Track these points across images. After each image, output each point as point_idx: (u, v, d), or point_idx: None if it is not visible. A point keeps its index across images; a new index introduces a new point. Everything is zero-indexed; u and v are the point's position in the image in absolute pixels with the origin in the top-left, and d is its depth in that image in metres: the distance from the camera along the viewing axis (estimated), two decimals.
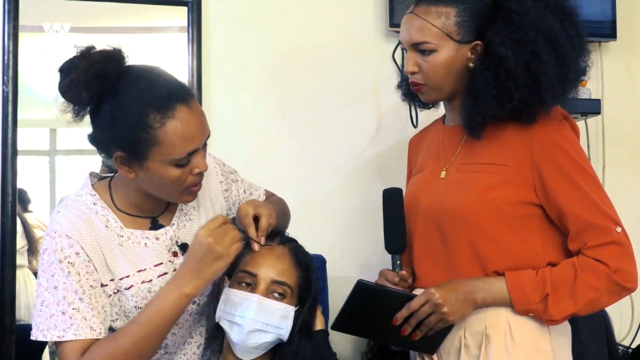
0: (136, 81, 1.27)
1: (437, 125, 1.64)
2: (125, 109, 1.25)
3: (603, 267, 1.34)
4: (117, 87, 1.26)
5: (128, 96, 1.25)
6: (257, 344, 1.35)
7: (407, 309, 1.37)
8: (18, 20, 2.02)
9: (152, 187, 1.33)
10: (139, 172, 1.30)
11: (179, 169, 1.29)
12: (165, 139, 1.25)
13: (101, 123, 1.28)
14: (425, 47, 1.44)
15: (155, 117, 1.25)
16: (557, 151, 1.39)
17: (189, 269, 1.29)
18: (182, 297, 1.28)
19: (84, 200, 1.36)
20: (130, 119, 1.25)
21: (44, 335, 1.28)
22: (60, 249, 1.29)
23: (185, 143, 1.27)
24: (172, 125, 1.25)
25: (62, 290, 1.28)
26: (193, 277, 1.28)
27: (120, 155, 1.28)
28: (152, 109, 1.25)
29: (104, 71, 1.24)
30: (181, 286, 1.28)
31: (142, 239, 1.37)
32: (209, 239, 1.27)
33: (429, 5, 1.43)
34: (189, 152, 1.28)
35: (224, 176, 1.55)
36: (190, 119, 1.28)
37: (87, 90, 1.24)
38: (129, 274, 1.34)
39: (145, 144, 1.25)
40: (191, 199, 1.38)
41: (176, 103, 1.26)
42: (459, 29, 1.42)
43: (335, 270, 2.12)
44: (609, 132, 2.50)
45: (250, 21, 2.24)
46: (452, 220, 1.43)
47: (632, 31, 2.52)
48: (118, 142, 1.27)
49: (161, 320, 1.28)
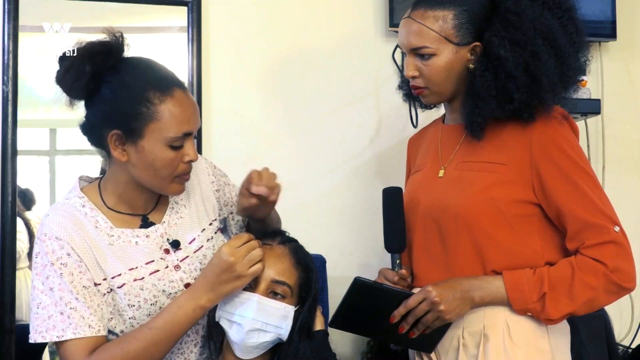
0: (136, 64, 1.35)
1: (436, 124, 1.64)
2: (126, 85, 1.31)
3: (601, 267, 1.34)
4: (118, 67, 1.32)
5: (129, 74, 1.32)
6: (257, 344, 1.36)
7: (404, 306, 1.37)
8: (18, 20, 2.02)
9: (143, 171, 1.34)
10: (133, 154, 1.32)
11: (173, 151, 1.32)
12: (164, 116, 1.30)
13: (100, 101, 1.33)
14: (424, 52, 1.44)
15: (155, 93, 1.30)
16: (556, 150, 1.39)
17: (207, 281, 1.32)
18: (197, 309, 1.31)
19: (73, 202, 1.38)
20: (130, 94, 1.30)
21: (42, 337, 1.29)
22: (52, 251, 1.30)
23: (182, 123, 1.32)
24: (171, 103, 1.31)
25: (58, 291, 1.29)
26: (210, 290, 1.31)
27: (115, 133, 1.31)
28: (152, 87, 1.31)
29: (108, 48, 1.31)
30: (197, 298, 1.31)
31: (132, 237, 1.38)
32: (230, 258, 1.30)
33: (426, 10, 1.43)
34: (184, 132, 1.32)
35: (215, 177, 1.56)
36: (187, 102, 1.34)
37: (91, 64, 1.30)
38: (121, 273, 1.35)
39: (144, 119, 1.30)
40: (180, 190, 1.40)
41: (174, 85, 1.34)
42: (457, 31, 1.42)
43: (335, 270, 2.12)
44: (609, 132, 2.50)
45: (250, 21, 2.24)
46: (451, 219, 1.43)
47: (632, 31, 2.52)
48: (116, 118, 1.31)
49: (174, 328, 1.31)
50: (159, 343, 1.30)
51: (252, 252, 1.32)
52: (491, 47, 1.40)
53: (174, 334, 1.31)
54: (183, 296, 1.33)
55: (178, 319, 1.30)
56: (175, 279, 1.38)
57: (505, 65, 1.38)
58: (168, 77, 1.35)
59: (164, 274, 1.38)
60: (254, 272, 1.32)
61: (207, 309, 1.33)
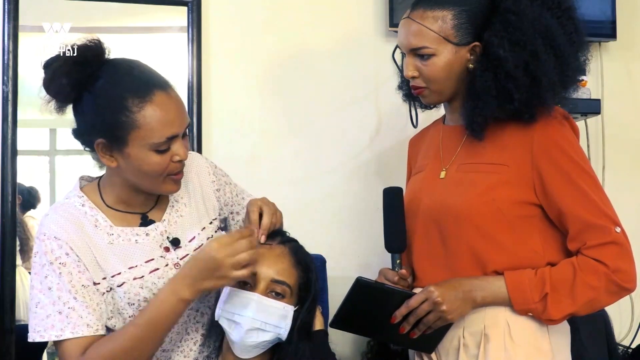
0: (115, 69, 1.32)
1: (437, 125, 1.64)
2: (104, 94, 1.29)
3: (602, 267, 1.34)
4: (97, 75, 1.30)
5: (107, 82, 1.29)
6: (256, 343, 1.36)
7: (406, 306, 1.37)
8: (18, 20, 2.02)
9: (134, 175, 1.34)
10: (121, 160, 1.32)
11: (159, 154, 1.31)
12: (144, 122, 1.28)
13: (82, 112, 1.32)
14: (424, 52, 1.44)
15: (134, 101, 1.28)
16: (557, 151, 1.39)
17: (190, 274, 1.28)
18: (179, 302, 1.29)
19: (72, 202, 1.38)
20: (109, 103, 1.28)
21: (41, 336, 1.29)
22: (51, 251, 1.30)
23: (164, 127, 1.29)
24: (151, 108, 1.28)
25: (57, 291, 1.29)
26: (192, 283, 1.28)
27: (101, 142, 1.31)
28: (130, 94, 1.28)
29: (83, 58, 1.29)
30: (178, 291, 1.28)
31: (132, 235, 1.38)
32: (217, 255, 1.26)
33: (425, 10, 1.43)
34: (168, 136, 1.30)
35: (215, 177, 1.56)
36: (169, 103, 1.31)
37: (68, 78, 1.28)
38: (120, 271, 1.35)
39: (125, 128, 1.28)
40: (174, 189, 1.39)
41: (154, 88, 1.30)
42: (456, 31, 1.42)
43: (335, 270, 2.12)
44: (609, 132, 2.50)
45: (250, 21, 2.24)
46: (452, 220, 1.43)
47: (632, 31, 2.52)
48: (99, 128, 1.30)
49: (158, 323, 1.29)
50: (144, 339, 1.28)
51: (240, 254, 1.27)
52: (491, 47, 1.40)
53: (159, 329, 1.29)
54: (164, 290, 1.30)
55: (162, 314, 1.28)
56: None
57: (505, 65, 1.38)
58: (148, 80, 1.31)
59: (164, 272, 1.38)
60: (238, 276, 1.28)
61: (190, 302, 1.30)
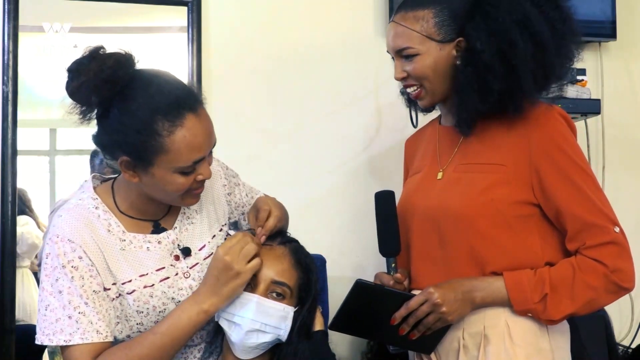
0: (146, 87, 1.26)
1: (433, 125, 1.64)
2: (133, 115, 1.24)
3: (601, 267, 1.34)
4: (126, 93, 1.25)
5: (137, 102, 1.24)
6: (256, 344, 1.36)
7: (405, 308, 1.37)
8: (18, 20, 2.02)
9: (155, 191, 1.33)
10: (143, 177, 1.30)
11: (184, 176, 1.29)
12: (173, 148, 1.25)
13: (109, 127, 1.28)
14: (408, 52, 1.45)
15: (164, 124, 1.24)
16: (555, 150, 1.39)
17: (208, 286, 1.30)
18: (200, 313, 1.30)
19: (86, 204, 1.35)
20: (138, 125, 1.24)
21: (49, 340, 1.28)
22: (63, 254, 1.28)
23: (192, 152, 1.27)
24: (180, 134, 1.25)
25: (67, 295, 1.27)
26: (212, 294, 1.30)
27: (125, 160, 1.28)
28: (160, 116, 1.24)
29: (115, 77, 1.23)
30: (200, 302, 1.30)
31: (144, 242, 1.37)
32: (226, 257, 1.28)
33: (407, 11, 1.45)
34: (194, 160, 1.28)
35: (227, 180, 1.55)
36: (199, 128, 1.27)
37: (97, 95, 1.24)
38: (131, 279, 1.33)
39: (152, 151, 1.25)
40: (194, 202, 1.39)
41: (185, 111, 1.26)
42: (438, 29, 1.43)
43: (334, 270, 2.12)
44: (609, 132, 2.50)
45: (250, 21, 2.24)
46: (450, 222, 1.43)
47: (632, 31, 2.52)
48: (124, 148, 1.27)
49: (178, 334, 1.29)
50: (162, 348, 1.29)
51: (245, 247, 1.30)
52: (470, 40, 1.40)
53: (178, 340, 1.30)
54: (187, 301, 1.31)
55: (182, 324, 1.29)
56: (185, 286, 1.37)
57: (483, 57, 1.38)
58: (179, 101, 1.26)
59: (174, 281, 1.36)
60: (253, 267, 1.31)
61: (211, 314, 1.31)
